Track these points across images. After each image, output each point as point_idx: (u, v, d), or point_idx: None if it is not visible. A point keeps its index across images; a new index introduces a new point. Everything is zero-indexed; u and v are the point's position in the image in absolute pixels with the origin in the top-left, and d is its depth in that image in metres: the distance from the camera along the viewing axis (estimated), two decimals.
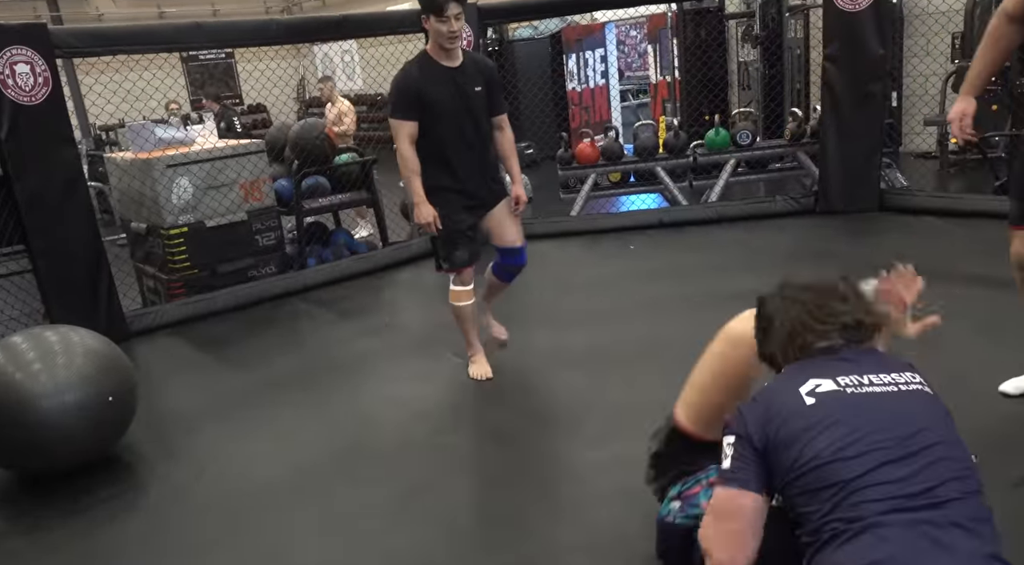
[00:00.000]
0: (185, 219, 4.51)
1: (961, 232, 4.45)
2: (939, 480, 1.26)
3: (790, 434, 1.33)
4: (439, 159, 2.91)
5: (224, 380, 3.56)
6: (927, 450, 1.29)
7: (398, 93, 2.88)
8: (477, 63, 3.02)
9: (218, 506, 2.48)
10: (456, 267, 3.06)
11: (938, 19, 6.28)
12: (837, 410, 1.33)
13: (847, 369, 1.40)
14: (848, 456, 1.28)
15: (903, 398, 1.37)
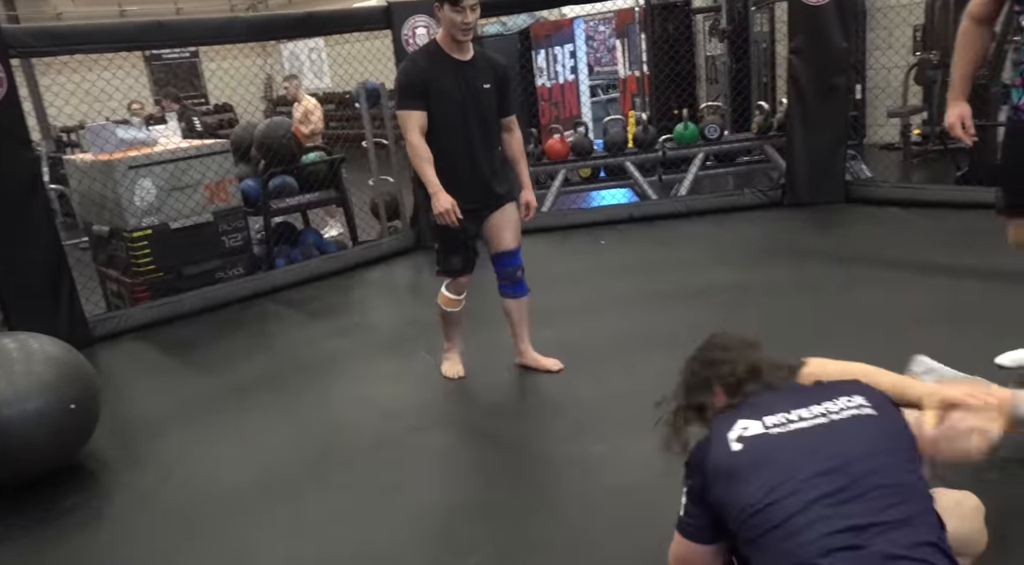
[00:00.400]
0: (149, 221, 4.43)
1: (924, 222, 4.52)
2: (876, 511, 1.22)
3: (724, 486, 1.33)
4: (441, 155, 2.77)
5: (191, 384, 3.50)
6: (861, 481, 1.25)
7: (404, 82, 2.77)
8: (489, 60, 2.88)
9: (185, 512, 2.43)
10: (450, 273, 2.96)
11: (899, 12, 6.39)
12: (764, 453, 1.31)
13: (775, 407, 1.38)
14: (778, 499, 1.25)
15: (834, 429, 1.32)
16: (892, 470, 1.28)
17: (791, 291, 3.66)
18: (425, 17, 5.15)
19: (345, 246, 5.55)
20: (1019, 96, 2.30)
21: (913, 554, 1.17)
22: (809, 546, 1.19)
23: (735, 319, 3.38)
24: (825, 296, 3.57)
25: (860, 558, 1.17)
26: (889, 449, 1.32)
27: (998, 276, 3.39)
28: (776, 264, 4.14)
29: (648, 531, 1.80)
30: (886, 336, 3.02)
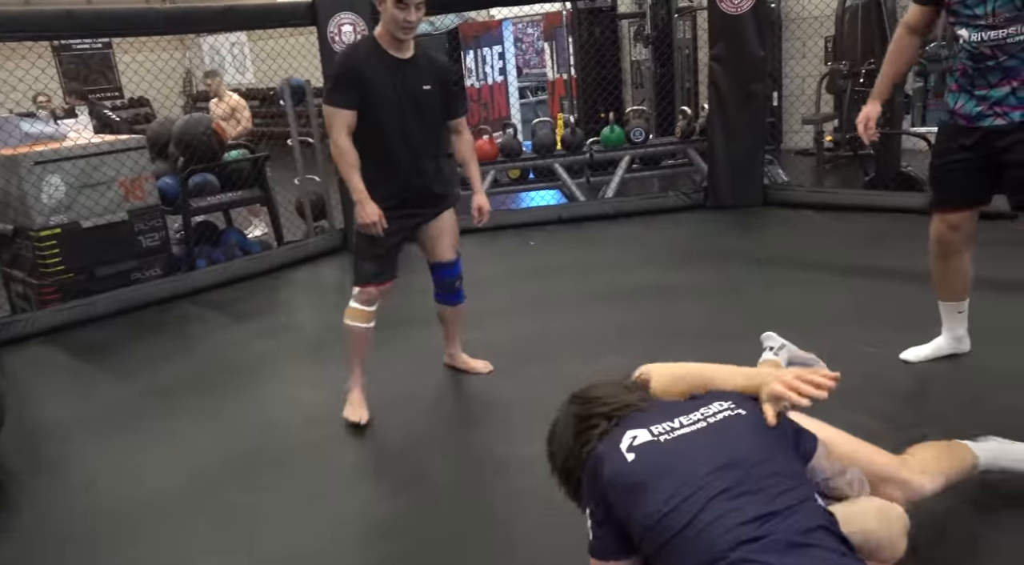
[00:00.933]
0: (57, 220, 4.21)
1: (837, 225, 4.74)
2: (772, 499, 1.27)
3: (626, 498, 1.35)
4: (374, 158, 2.61)
5: (107, 389, 3.35)
6: (753, 472, 1.31)
7: (337, 75, 2.59)
8: (431, 59, 2.73)
9: (100, 524, 2.32)
10: (361, 281, 2.74)
11: (812, 23, 6.68)
12: (658, 460, 1.35)
13: (656, 418, 1.43)
14: (681, 501, 1.28)
15: (717, 429, 1.39)
16: (776, 461, 1.35)
17: (713, 291, 3.78)
18: (351, 15, 5.08)
19: (270, 246, 5.42)
20: (954, 101, 2.43)
21: (811, 540, 1.22)
22: (718, 540, 1.22)
23: (660, 320, 3.47)
24: (745, 296, 3.70)
25: (767, 547, 1.20)
26: (769, 442, 1.40)
27: (905, 276, 3.58)
28: (699, 265, 4.26)
29: (577, 531, 1.83)
30: (800, 333, 3.14)
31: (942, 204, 2.55)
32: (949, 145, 2.49)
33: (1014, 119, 2.30)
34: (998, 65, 2.28)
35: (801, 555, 1.20)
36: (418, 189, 2.73)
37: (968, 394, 2.56)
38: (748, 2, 5.03)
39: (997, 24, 2.23)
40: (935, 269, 2.65)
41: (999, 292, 3.17)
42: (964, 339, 2.73)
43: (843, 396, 2.63)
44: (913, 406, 2.53)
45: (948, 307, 2.70)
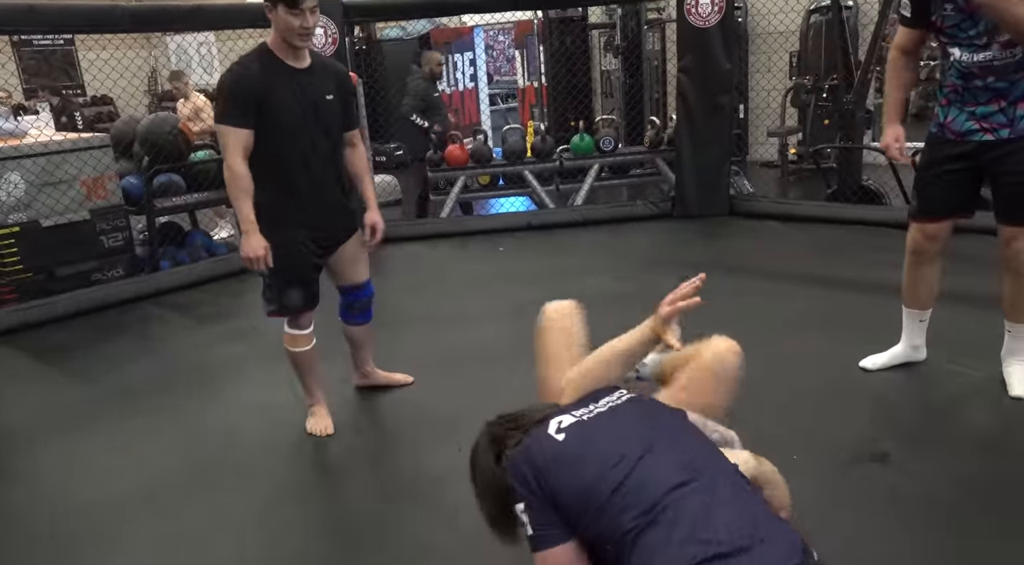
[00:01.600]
0: (16, 218, 4.12)
1: (799, 235, 4.85)
2: (687, 450, 1.43)
3: (566, 472, 1.41)
4: (278, 179, 2.42)
5: (66, 391, 3.28)
6: (665, 434, 1.46)
7: (230, 93, 2.35)
8: (328, 67, 2.56)
9: (54, 531, 2.27)
10: (289, 312, 2.59)
11: (777, 38, 6.82)
12: (586, 432, 1.47)
13: (573, 408, 1.55)
14: (613, 464, 1.38)
15: (623, 410, 1.54)
16: (677, 425, 1.54)
17: None
18: (322, 18, 5.05)
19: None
20: (944, 115, 2.49)
21: (735, 481, 1.39)
22: (653, 488, 1.33)
23: (627, 326, 3.50)
24: (710, 303, 3.72)
25: (695, 488, 1.33)
26: (664, 414, 1.58)
27: (865, 286, 3.68)
28: (665, 273, 4.29)
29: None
30: (762, 341, 3.21)
31: (922, 213, 2.62)
32: (936, 157, 2.54)
33: (1002, 136, 2.37)
34: (986, 86, 2.35)
35: (727, 490, 1.34)
36: (329, 211, 2.57)
37: (925, 402, 2.63)
38: (716, 16, 5.13)
39: (988, 45, 2.30)
40: (907, 277, 2.71)
41: (961, 304, 3.26)
42: (921, 348, 2.80)
43: (802, 402, 2.71)
44: (871, 414, 2.59)
45: (911, 314, 2.76)
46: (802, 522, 2.03)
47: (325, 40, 5.10)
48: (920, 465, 2.25)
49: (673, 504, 1.30)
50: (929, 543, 1.93)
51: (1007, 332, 2.62)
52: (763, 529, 1.29)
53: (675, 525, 1.28)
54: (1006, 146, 2.37)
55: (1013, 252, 2.47)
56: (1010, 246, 2.47)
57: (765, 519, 1.33)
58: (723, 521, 1.27)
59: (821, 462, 2.30)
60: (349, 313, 2.83)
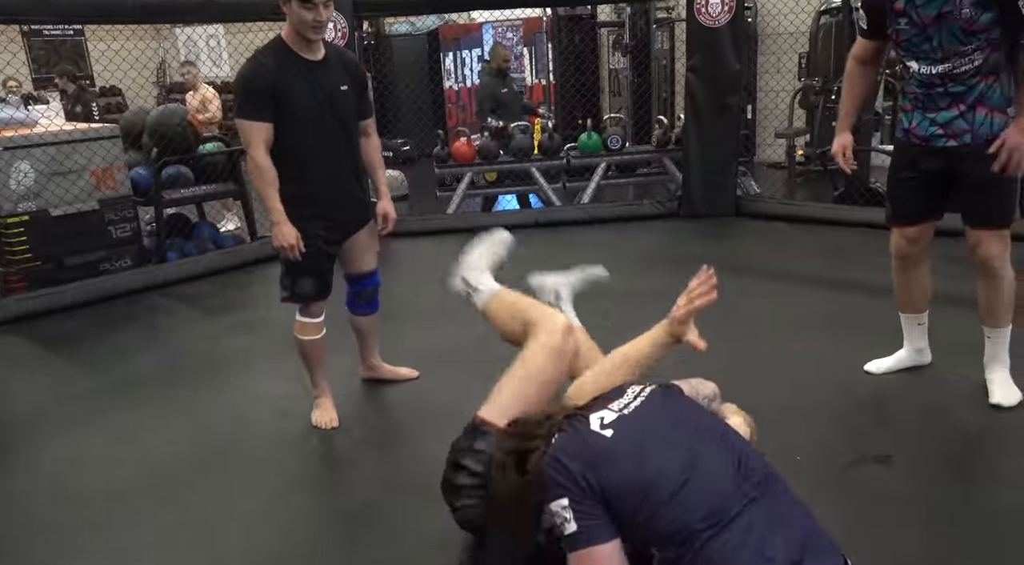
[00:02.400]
0: (26, 207, 4.14)
1: (806, 237, 4.85)
2: (728, 444, 1.43)
3: (617, 470, 1.37)
4: (295, 171, 2.46)
5: (74, 380, 3.30)
6: (711, 438, 1.44)
7: (248, 88, 2.40)
8: (343, 58, 2.60)
9: (60, 518, 2.29)
10: (301, 300, 2.64)
11: (787, 39, 6.81)
12: (634, 430, 1.43)
13: (603, 403, 1.51)
14: (669, 466, 1.36)
15: (655, 402, 1.52)
16: (697, 411, 1.56)
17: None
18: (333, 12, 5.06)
19: (243, 241, 5.37)
20: (908, 120, 2.52)
21: (769, 470, 1.44)
22: (720, 491, 1.33)
23: (631, 324, 3.51)
24: (714, 304, 3.75)
25: (762, 499, 1.35)
26: (682, 400, 1.59)
27: (871, 289, 3.68)
28: (671, 272, 4.28)
29: None
30: (768, 342, 3.22)
31: (895, 218, 2.66)
32: (903, 161, 2.59)
33: (965, 141, 2.39)
34: (946, 91, 2.38)
35: (784, 500, 1.39)
36: (346, 203, 2.62)
37: (928, 406, 2.64)
38: (726, 16, 5.12)
39: (944, 58, 2.33)
40: (897, 281, 2.74)
41: (960, 307, 3.26)
42: (925, 351, 2.81)
43: (806, 404, 2.72)
44: (875, 417, 2.60)
45: (909, 319, 2.78)
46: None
47: (335, 34, 5.11)
48: (922, 467, 2.26)
49: (747, 511, 1.29)
50: (930, 544, 1.93)
51: (986, 338, 2.60)
52: (811, 544, 1.30)
53: (750, 532, 1.28)
54: (967, 150, 2.39)
55: (981, 257, 2.48)
56: (977, 250, 2.48)
57: (812, 532, 1.34)
58: (783, 537, 1.28)
59: (824, 463, 2.31)
60: (356, 302, 2.87)
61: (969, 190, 2.45)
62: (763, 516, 1.30)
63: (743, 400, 2.71)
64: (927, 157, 2.48)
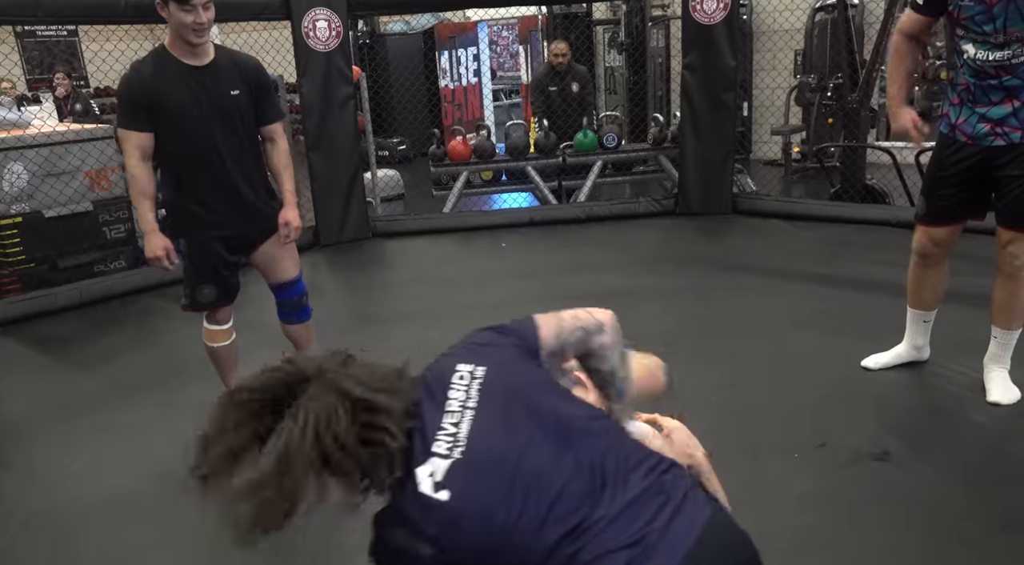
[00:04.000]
0: (19, 208, 4.12)
1: (803, 234, 4.84)
2: (584, 449, 1.11)
3: (468, 541, 1.05)
4: (182, 179, 2.40)
5: (66, 383, 3.28)
6: (550, 439, 1.12)
7: (123, 97, 2.35)
8: (236, 62, 2.45)
9: (54, 521, 2.28)
10: (202, 307, 2.55)
11: (782, 36, 6.81)
12: (473, 482, 1.06)
13: (429, 427, 1.12)
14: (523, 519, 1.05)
15: (487, 414, 1.13)
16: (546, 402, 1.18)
17: (681, 296, 3.83)
18: (326, 10, 5.05)
19: None
20: (956, 115, 2.42)
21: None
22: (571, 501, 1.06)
23: (628, 322, 3.50)
24: (712, 300, 3.75)
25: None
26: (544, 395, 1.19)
27: (868, 285, 3.68)
28: (668, 270, 4.32)
29: None
30: (764, 339, 3.21)
31: (929, 217, 2.56)
32: (946, 160, 2.47)
33: (1014, 140, 2.31)
34: (1000, 84, 2.28)
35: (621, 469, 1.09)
36: (237, 209, 2.48)
37: (926, 403, 2.63)
38: (721, 13, 5.11)
39: (1006, 43, 2.23)
40: (911, 276, 2.68)
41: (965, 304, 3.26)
42: (924, 348, 2.79)
43: (803, 401, 2.71)
44: (873, 414, 2.59)
45: (916, 315, 2.73)
46: (804, 520, 2.04)
47: (329, 33, 5.09)
48: (921, 465, 2.25)
49: (600, 507, 1.05)
50: (929, 541, 1.93)
51: (993, 337, 2.57)
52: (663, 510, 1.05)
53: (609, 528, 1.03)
54: (1016, 149, 2.32)
55: (1009, 255, 2.43)
56: (1006, 249, 2.43)
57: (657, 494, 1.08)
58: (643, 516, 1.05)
59: (822, 461, 2.30)
60: (283, 311, 2.74)
61: (1012, 189, 2.35)
62: (618, 506, 1.05)
63: (741, 397, 2.72)
64: (971, 157, 2.39)
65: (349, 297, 4.46)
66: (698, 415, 2.61)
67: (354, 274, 4.77)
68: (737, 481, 2.20)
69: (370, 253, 5.11)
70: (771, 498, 2.13)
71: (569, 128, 5.97)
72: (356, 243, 5.25)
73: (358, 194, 5.33)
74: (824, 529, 2.00)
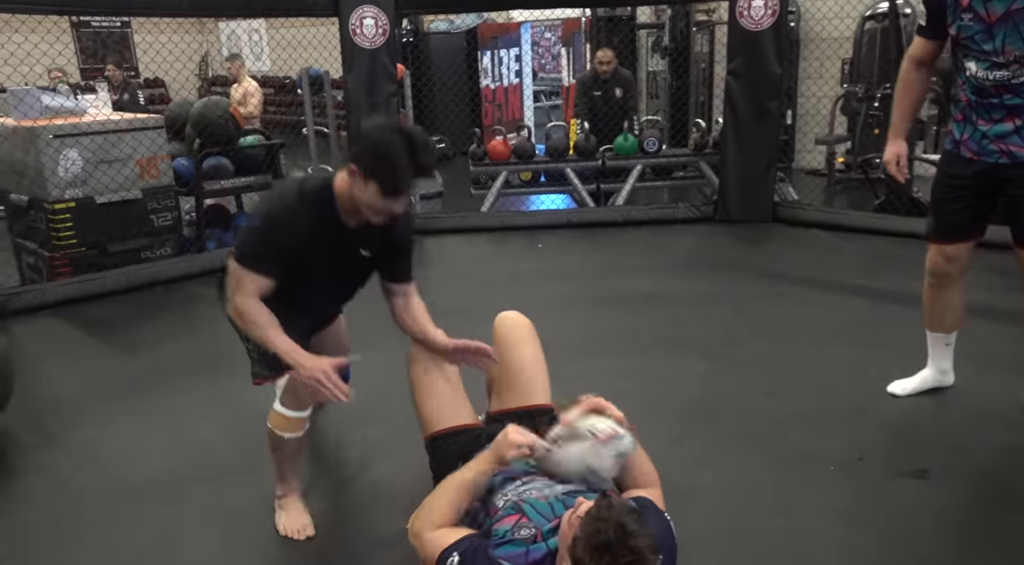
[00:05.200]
0: (72, 193, 4.24)
1: (844, 245, 4.77)
2: None
3: None
4: (283, 305, 2.00)
5: (112, 365, 3.38)
6: None
7: (269, 239, 1.94)
8: (390, 225, 2.02)
9: (101, 497, 2.35)
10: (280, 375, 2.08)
11: (830, 44, 6.71)
12: None
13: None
14: None
15: None
16: None
17: (718, 302, 3.80)
18: (374, 8, 5.12)
19: None
20: (960, 131, 2.41)
21: None
22: None
23: (664, 327, 3.50)
24: (749, 308, 3.73)
25: None
26: None
27: (910, 298, 3.59)
28: (705, 276, 4.29)
29: None
30: (800, 351, 3.18)
31: (939, 234, 2.53)
32: (952, 175, 2.47)
33: (1018, 158, 2.29)
34: (1001, 103, 2.28)
35: None
36: (322, 318, 2.34)
37: (963, 419, 2.58)
38: (769, 19, 5.06)
39: (1006, 63, 2.22)
40: (927, 298, 2.64)
41: (994, 320, 3.19)
42: (948, 373, 2.72)
43: (839, 415, 2.67)
44: (909, 430, 2.55)
45: (936, 338, 2.68)
46: (840, 533, 2.02)
47: (376, 31, 5.16)
48: (959, 482, 2.21)
49: None
50: (968, 560, 1.90)
51: None
52: None
53: None
54: (1021, 167, 2.29)
55: None
56: None
57: None
58: None
59: (859, 474, 2.28)
60: None
61: (1021, 209, 2.34)
62: None
63: (775, 406, 2.70)
64: (977, 173, 2.38)
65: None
66: (729, 422, 2.61)
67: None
68: (771, 491, 2.21)
69: None
70: (807, 510, 2.11)
71: (610, 132, 5.97)
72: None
73: None
74: (861, 543, 1.98)
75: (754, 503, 2.16)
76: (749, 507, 2.14)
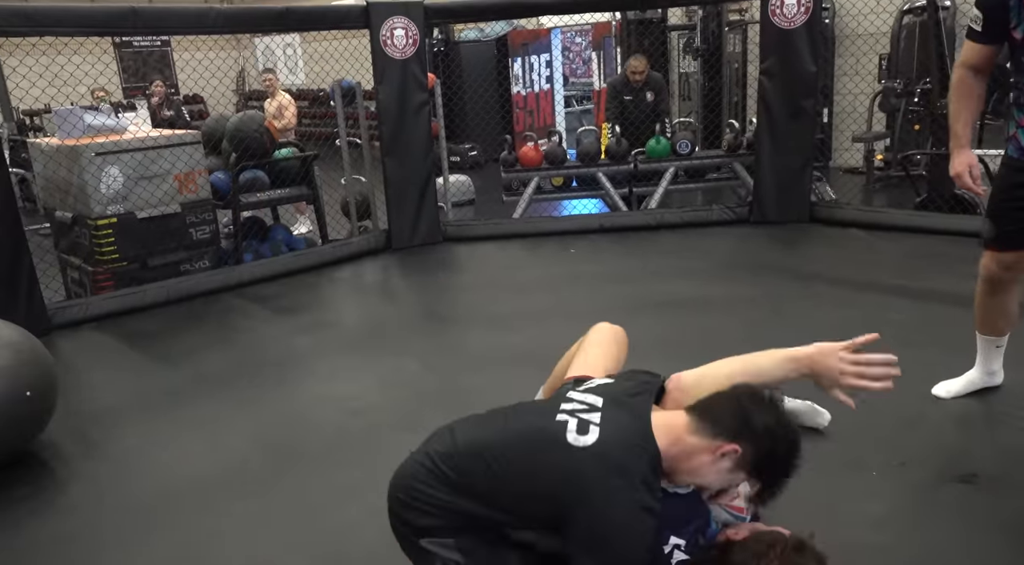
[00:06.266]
0: (114, 209, 4.35)
1: (884, 245, 4.66)
2: None
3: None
4: None
5: (152, 376, 3.45)
6: None
7: (635, 547, 1.54)
8: None
9: (141, 505, 2.39)
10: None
11: (867, 40, 6.58)
12: None
13: None
14: None
15: None
16: None
17: (754, 305, 3.74)
18: (404, 19, 5.16)
19: (314, 243, 5.52)
20: None
21: None
22: None
23: (699, 331, 3.45)
24: (786, 311, 3.65)
25: None
26: None
27: (954, 298, 3.50)
28: (741, 279, 4.22)
29: None
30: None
31: (997, 242, 2.43)
32: (1014, 182, 2.36)
33: None
34: None
35: None
36: None
37: (1010, 423, 2.49)
38: (802, 17, 4.98)
39: None
40: (979, 302, 2.55)
41: None
42: (998, 373, 2.63)
43: (883, 419, 2.60)
44: (955, 434, 2.47)
45: (988, 341, 2.60)
46: (883, 540, 1.96)
47: (406, 41, 5.20)
48: (1011, 488, 2.13)
49: None
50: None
51: None
52: None
53: None
54: None
55: None
56: None
57: None
58: None
59: (902, 480, 2.21)
60: None
61: None
62: None
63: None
64: None
65: (422, 299, 4.53)
66: None
67: (426, 277, 4.85)
68: (812, 497, 2.15)
69: (441, 256, 5.19)
70: (849, 517, 2.06)
71: (642, 136, 5.92)
72: (427, 247, 5.34)
73: (430, 199, 5.41)
74: (905, 551, 1.92)
75: (793, 510, 2.11)
76: (789, 514, 2.09)
